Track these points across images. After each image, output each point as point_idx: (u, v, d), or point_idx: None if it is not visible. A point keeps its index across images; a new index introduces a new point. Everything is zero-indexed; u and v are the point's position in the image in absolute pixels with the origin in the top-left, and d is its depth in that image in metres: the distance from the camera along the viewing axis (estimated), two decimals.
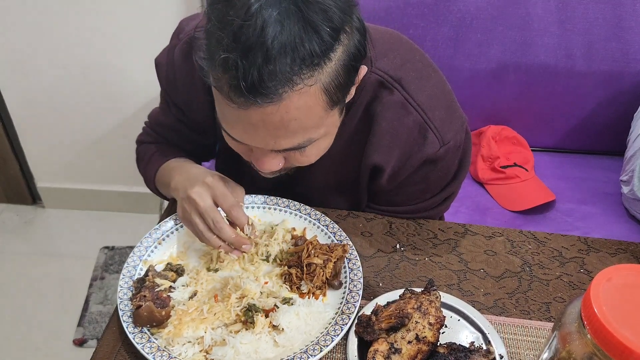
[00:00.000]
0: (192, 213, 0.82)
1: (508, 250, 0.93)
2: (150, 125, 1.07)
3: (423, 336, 0.70)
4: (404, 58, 0.88)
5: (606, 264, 0.90)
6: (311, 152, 0.75)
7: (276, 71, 0.60)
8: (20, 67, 1.86)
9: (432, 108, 0.87)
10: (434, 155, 0.87)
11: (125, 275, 0.82)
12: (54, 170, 2.17)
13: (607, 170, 1.64)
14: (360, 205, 1.02)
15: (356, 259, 0.86)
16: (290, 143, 0.70)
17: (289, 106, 0.64)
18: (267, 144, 0.70)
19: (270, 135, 0.68)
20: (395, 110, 0.86)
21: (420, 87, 0.87)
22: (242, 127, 0.69)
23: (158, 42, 0.97)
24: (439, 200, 0.98)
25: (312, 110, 0.67)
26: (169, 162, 0.98)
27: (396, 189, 0.95)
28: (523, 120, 1.67)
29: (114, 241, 2.14)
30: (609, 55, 1.51)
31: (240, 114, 0.65)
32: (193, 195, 0.81)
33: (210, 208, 0.81)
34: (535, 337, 0.78)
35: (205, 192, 0.81)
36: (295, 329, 0.76)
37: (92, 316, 1.86)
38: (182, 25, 0.95)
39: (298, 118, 0.66)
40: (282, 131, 0.67)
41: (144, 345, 0.72)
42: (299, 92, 0.63)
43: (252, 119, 0.65)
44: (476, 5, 1.48)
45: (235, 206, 0.82)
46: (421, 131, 0.86)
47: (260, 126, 0.66)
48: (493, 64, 1.55)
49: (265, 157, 0.75)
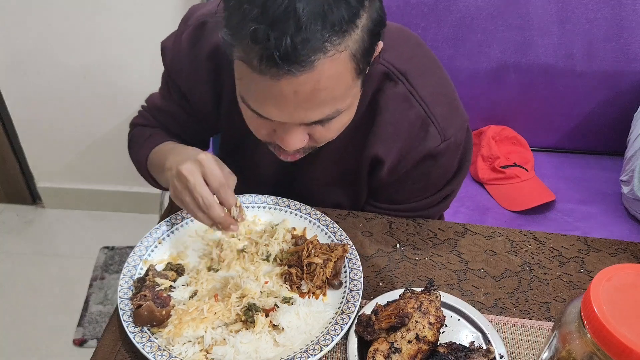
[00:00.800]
0: (182, 189, 0.80)
1: (508, 250, 0.93)
2: (149, 110, 1.05)
3: (423, 336, 0.70)
4: (411, 52, 0.89)
5: (606, 263, 0.90)
6: (335, 126, 0.76)
7: (308, 39, 0.61)
8: (20, 67, 1.87)
9: (435, 103, 0.87)
10: (435, 150, 0.88)
11: (126, 275, 0.82)
12: (54, 170, 2.17)
13: (607, 170, 1.64)
14: (360, 201, 1.02)
15: (356, 258, 0.86)
16: (319, 114, 0.70)
17: (321, 74, 0.64)
18: (297, 117, 0.70)
19: (300, 107, 0.68)
20: (398, 103, 0.87)
21: (425, 82, 0.87)
22: (273, 101, 0.68)
23: (158, 42, 0.98)
24: (439, 199, 0.98)
25: (341, 78, 0.67)
26: (163, 144, 0.97)
27: (396, 185, 0.95)
28: (523, 120, 1.67)
29: (114, 241, 2.14)
30: (609, 55, 1.52)
31: (271, 86, 0.65)
32: (183, 171, 0.79)
33: (199, 185, 0.78)
34: (535, 337, 0.78)
35: (196, 169, 0.79)
36: (295, 328, 0.76)
37: (92, 316, 1.86)
38: (191, 12, 0.94)
39: (329, 87, 0.67)
40: (312, 102, 0.68)
41: (144, 345, 0.72)
42: (330, 60, 0.64)
43: (283, 90, 0.65)
44: (476, 5, 1.48)
45: (224, 186, 0.80)
46: (423, 125, 0.87)
47: (292, 98, 0.66)
48: (493, 64, 1.55)
49: (291, 134, 0.74)
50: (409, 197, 0.98)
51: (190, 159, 0.80)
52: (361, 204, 1.03)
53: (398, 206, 0.99)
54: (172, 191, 0.84)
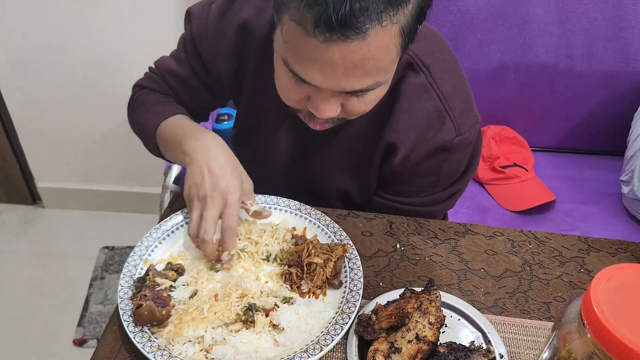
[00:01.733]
0: (194, 207, 0.83)
1: (508, 249, 0.93)
2: (160, 73, 1.03)
3: (423, 335, 0.70)
4: (435, 47, 0.92)
5: (606, 263, 0.90)
6: (369, 98, 0.77)
7: (367, 7, 0.62)
8: (20, 67, 1.87)
9: (453, 98, 0.90)
10: (449, 143, 0.90)
11: (126, 275, 0.82)
12: (54, 170, 2.17)
13: (607, 170, 1.64)
14: (368, 189, 1.03)
15: (356, 258, 0.86)
16: (361, 84, 0.71)
17: (372, 44, 0.65)
18: (339, 84, 0.71)
19: (345, 74, 0.69)
20: (418, 93, 0.89)
21: (445, 77, 0.90)
22: (319, 66, 0.69)
23: (158, 42, 0.98)
24: (446, 196, 1.00)
25: (388, 51, 0.69)
26: (178, 117, 0.96)
27: (407, 178, 0.97)
28: (523, 120, 1.68)
29: (114, 241, 2.14)
30: (609, 55, 1.52)
31: (322, 50, 0.66)
32: (209, 200, 0.81)
33: (211, 221, 0.81)
34: (535, 337, 0.78)
35: (219, 203, 0.82)
36: (295, 328, 0.76)
37: (92, 316, 1.86)
38: None
39: (376, 57, 0.68)
40: (358, 70, 0.69)
41: (144, 345, 0.72)
42: (382, 30, 0.65)
43: (333, 55, 0.66)
44: (476, 5, 1.48)
45: (232, 230, 0.83)
46: (440, 117, 0.89)
47: (339, 64, 0.67)
48: (493, 64, 1.55)
49: (326, 102, 0.75)
50: (417, 191, 0.99)
51: (218, 189, 0.81)
52: (369, 194, 1.04)
53: (405, 199, 1.00)
54: (187, 192, 0.86)
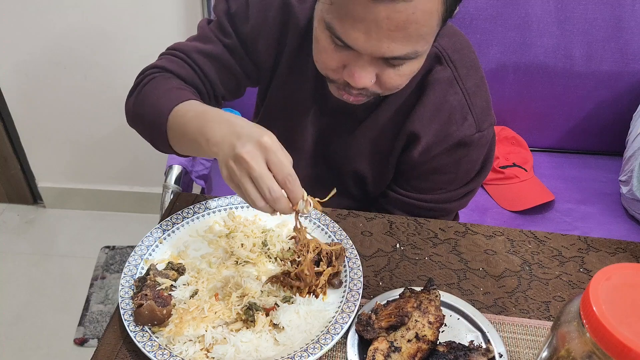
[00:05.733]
0: (242, 176, 0.70)
1: (508, 249, 0.93)
2: (185, 53, 0.95)
3: (423, 335, 0.71)
4: (461, 45, 0.93)
5: (605, 263, 0.91)
6: (405, 71, 0.77)
7: None
8: (21, 67, 1.87)
9: (475, 95, 0.92)
10: (469, 138, 0.92)
11: (127, 274, 0.83)
12: (54, 170, 2.18)
13: (606, 171, 1.64)
14: (384, 179, 1.04)
15: (356, 258, 0.86)
16: (401, 50, 0.72)
17: (417, 7, 0.66)
18: (380, 47, 0.71)
19: (388, 36, 0.70)
20: (443, 86, 0.91)
21: (471, 75, 0.92)
22: (364, 26, 0.69)
23: (159, 42, 0.98)
24: (461, 194, 1.01)
25: (432, 17, 0.69)
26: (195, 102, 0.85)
27: (425, 173, 0.98)
28: (522, 120, 1.68)
29: (115, 241, 2.14)
30: (609, 56, 1.52)
31: (368, 8, 0.67)
32: (245, 155, 0.68)
33: (266, 175, 0.69)
34: (534, 336, 0.79)
35: (259, 155, 0.69)
36: (295, 327, 0.76)
37: (93, 315, 1.86)
38: None
39: (420, 22, 0.68)
40: (401, 32, 0.69)
41: (145, 344, 0.72)
42: None
43: (379, 14, 0.67)
44: (476, 5, 1.48)
45: (292, 176, 0.70)
46: (462, 112, 0.91)
47: (383, 25, 0.68)
48: (492, 64, 1.55)
49: (363, 70, 0.76)
50: (433, 187, 1.00)
51: (251, 141, 0.69)
52: (384, 184, 1.05)
53: (421, 195, 1.01)
54: (226, 174, 0.72)
